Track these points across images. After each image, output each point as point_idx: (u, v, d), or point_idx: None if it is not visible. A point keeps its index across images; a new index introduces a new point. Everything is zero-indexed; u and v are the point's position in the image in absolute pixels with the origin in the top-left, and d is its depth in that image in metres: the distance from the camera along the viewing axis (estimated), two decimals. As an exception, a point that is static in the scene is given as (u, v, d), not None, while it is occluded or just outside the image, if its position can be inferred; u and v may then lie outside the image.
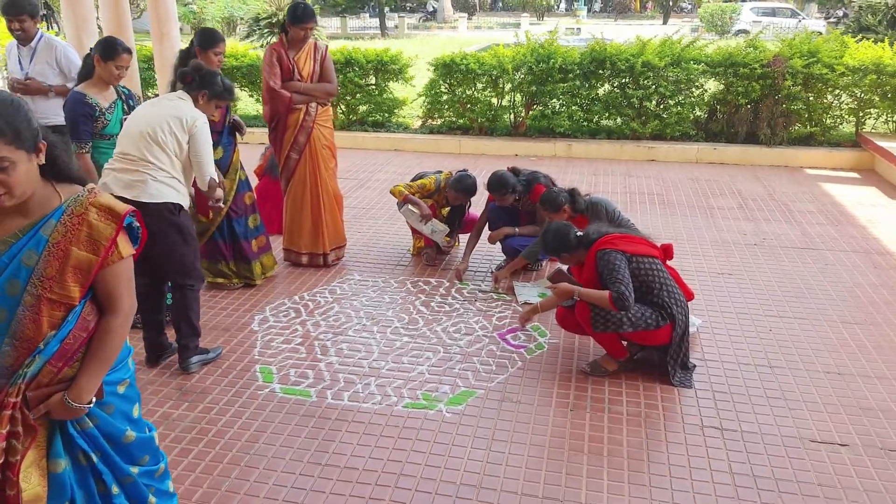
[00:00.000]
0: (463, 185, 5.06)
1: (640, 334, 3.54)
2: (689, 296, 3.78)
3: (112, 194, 3.19)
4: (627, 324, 3.46)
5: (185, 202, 3.55)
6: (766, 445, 3.10)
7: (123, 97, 4.09)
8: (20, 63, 4.71)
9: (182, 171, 3.55)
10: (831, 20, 25.77)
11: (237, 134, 4.71)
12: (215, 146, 4.49)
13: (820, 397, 3.47)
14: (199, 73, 3.64)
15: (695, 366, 3.69)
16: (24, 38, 4.66)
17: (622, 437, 3.16)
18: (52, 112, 4.58)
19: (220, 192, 3.81)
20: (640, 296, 3.50)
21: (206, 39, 4.36)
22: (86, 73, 3.96)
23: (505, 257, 5.02)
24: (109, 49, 3.85)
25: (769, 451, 3.06)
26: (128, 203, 3.12)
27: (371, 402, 3.44)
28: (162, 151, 3.43)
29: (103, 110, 3.92)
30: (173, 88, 3.96)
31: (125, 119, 3.91)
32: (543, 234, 3.85)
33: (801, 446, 3.10)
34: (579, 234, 3.69)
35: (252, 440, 3.14)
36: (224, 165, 4.55)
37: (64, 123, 4.00)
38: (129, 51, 3.93)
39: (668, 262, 3.75)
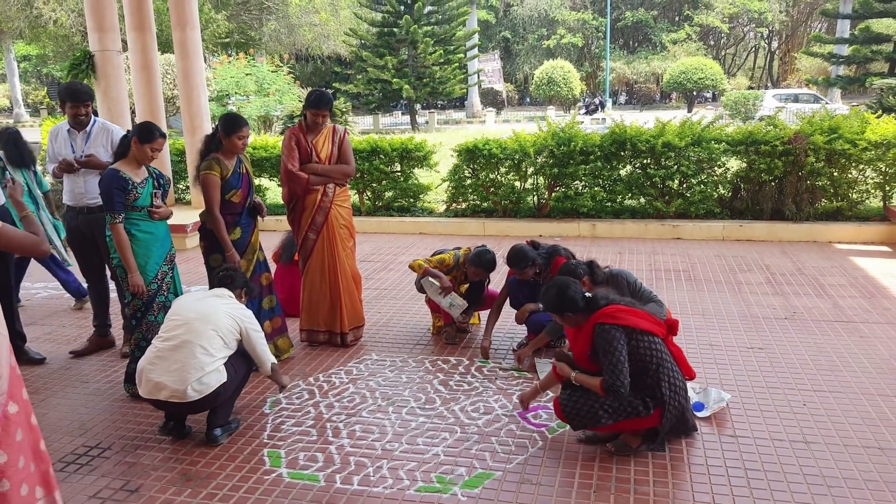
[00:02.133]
0: (482, 261, 5.01)
1: (625, 423, 3.39)
2: (690, 375, 3.54)
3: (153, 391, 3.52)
4: (605, 416, 3.34)
5: (224, 378, 3.64)
6: (804, 527, 2.87)
7: (154, 176, 4.34)
8: (72, 146, 4.91)
9: (231, 349, 3.74)
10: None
11: (258, 216, 4.77)
12: (234, 226, 4.55)
13: (860, 474, 3.23)
14: (237, 273, 4.07)
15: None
16: (84, 123, 4.91)
17: (649, 520, 2.96)
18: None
19: (285, 380, 4.13)
20: (634, 375, 3.34)
21: (230, 125, 4.48)
22: (121, 153, 4.24)
23: (527, 333, 4.91)
24: (147, 133, 4.19)
25: (808, 532, 2.84)
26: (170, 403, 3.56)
27: (382, 486, 3.29)
28: (220, 340, 3.64)
29: (135, 184, 4.16)
30: (202, 157, 4.51)
31: (155, 193, 4.26)
32: (545, 290, 3.63)
33: (842, 527, 2.87)
34: (587, 295, 3.53)
35: (256, 525, 3.01)
36: (242, 245, 4.60)
37: None
38: (164, 135, 4.29)
39: (672, 339, 3.55)
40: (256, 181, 10.36)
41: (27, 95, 44.72)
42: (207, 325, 3.60)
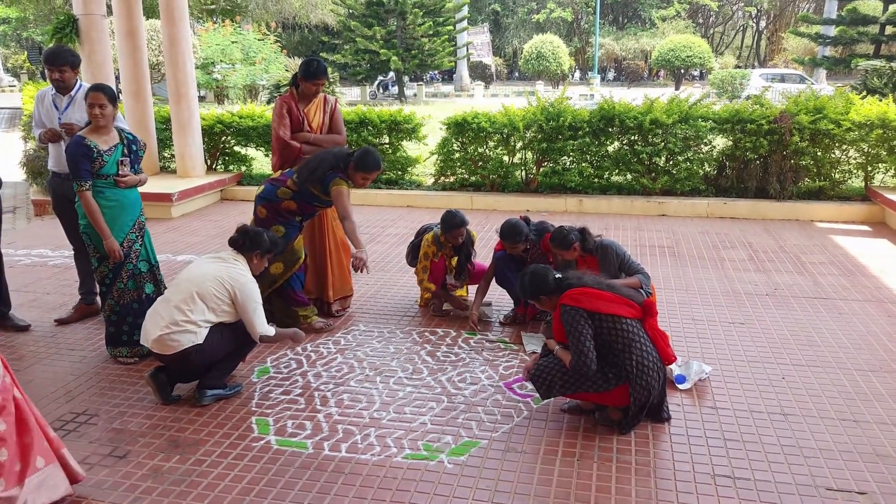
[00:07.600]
0: (446, 222, 5.02)
1: (586, 396, 3.48)
2: (668, 360, 3.50)
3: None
4: (559, 388, 3.44)
5: (198, 341, 3.68)
6: (780, 494, 2.96)
7: (126, 142, 4.32)
8: (58, 110, 4.79)
9: (221, 316, 3.77)
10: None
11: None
12: (279, 224, 4.62)
13: (835, 444, 3.34)
14: (247, 235, 3.91)
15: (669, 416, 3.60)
16: (63, 88, 4.76)
17: (631, 488, 3.04)
18: None
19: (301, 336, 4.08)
20: (600, 353, 3.38)
21: (366, 165, 4.54)
22: (88, 121, 4.24)
23: (514, 306, 4.97)
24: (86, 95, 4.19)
25: (784, 500, 2.93)
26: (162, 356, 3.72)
27: (370, 453, 3.34)
28: (202, 303, 3.67)
29: (101, 152, 4.16)
30: (328, 167, 4.49)
31: (122, 161, 4.26)
32: (521, 276, 3.67)
33: (816, 495, 2.96)
34: (558, 276, 3.56)
35: (243, 493, 3.05)
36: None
37: None
38: (97, 88, 4.18)
39: (654, 323, 3.50)
40: (244, 150, 10.29)
41: (6, 59, 43.84)
42: (191, 286, 3.69)
